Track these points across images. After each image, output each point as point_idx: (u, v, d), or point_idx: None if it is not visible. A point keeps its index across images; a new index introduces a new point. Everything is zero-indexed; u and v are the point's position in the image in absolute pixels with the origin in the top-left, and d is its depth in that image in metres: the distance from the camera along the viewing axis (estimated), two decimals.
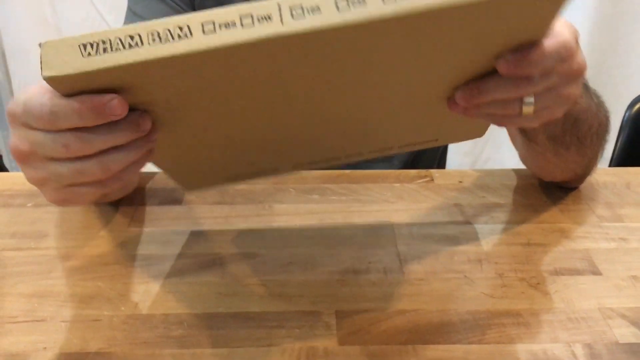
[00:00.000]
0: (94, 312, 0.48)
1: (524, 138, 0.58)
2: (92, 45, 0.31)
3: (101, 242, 0.55)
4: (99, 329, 0.46)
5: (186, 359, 0.43)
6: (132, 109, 0.34)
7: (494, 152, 1.61)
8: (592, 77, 1.62)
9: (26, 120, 0.35)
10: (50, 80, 0.31)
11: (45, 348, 0.44)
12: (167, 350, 0.44)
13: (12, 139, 0.37)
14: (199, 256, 0.54)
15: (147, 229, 0.57)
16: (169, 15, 0.71)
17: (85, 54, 0.31)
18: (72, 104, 0.33)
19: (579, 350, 0.44)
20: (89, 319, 0.47)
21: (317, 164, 0.51)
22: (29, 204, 0.61)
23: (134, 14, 0.72)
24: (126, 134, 0.34)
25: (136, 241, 0.56)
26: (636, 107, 0.80)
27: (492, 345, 0.45)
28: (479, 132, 0.52)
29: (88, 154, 0.35)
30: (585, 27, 1.34)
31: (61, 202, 0.38)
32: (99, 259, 0.53)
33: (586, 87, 0.55)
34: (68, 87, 0.33)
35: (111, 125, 0.34)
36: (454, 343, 0.45)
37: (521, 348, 0.44)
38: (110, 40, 0.31)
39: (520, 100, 0.40)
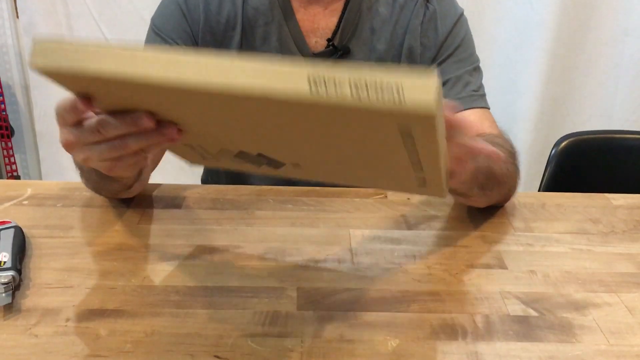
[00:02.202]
0: (111, 282, 0.62)
1: (462, 197, 0.73)
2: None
3: (116, 234, 0.70)
4: (115, 294, 0.60)
5: (180, 315, 0.57)
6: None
7: None
8: (549, 123, 1.78)
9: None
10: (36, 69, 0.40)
11: (73, 305, 0.58)
12: (167, 310, 0.58)
13: (61, 136, 0.49)
14: (193, 246, 0.68)
15: (153, 226, 0.72)
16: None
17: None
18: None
19: (479, 318, 0.58)
20: (107, 287, 0.61)
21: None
22: (59, 204, 0.75)
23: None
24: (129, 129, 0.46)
25: (144, 234, 0.70)
26: (561, 145, 0.95)
27: (413, 313, 0.59)
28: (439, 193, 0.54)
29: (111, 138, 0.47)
30: (541, 79, 1.52)
31: (107, 170, 0.50)
32: (114, 246, 0.68)
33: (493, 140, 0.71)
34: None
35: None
36: (385, 311, 0.59)
37: (435, 316, 0.58)
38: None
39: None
